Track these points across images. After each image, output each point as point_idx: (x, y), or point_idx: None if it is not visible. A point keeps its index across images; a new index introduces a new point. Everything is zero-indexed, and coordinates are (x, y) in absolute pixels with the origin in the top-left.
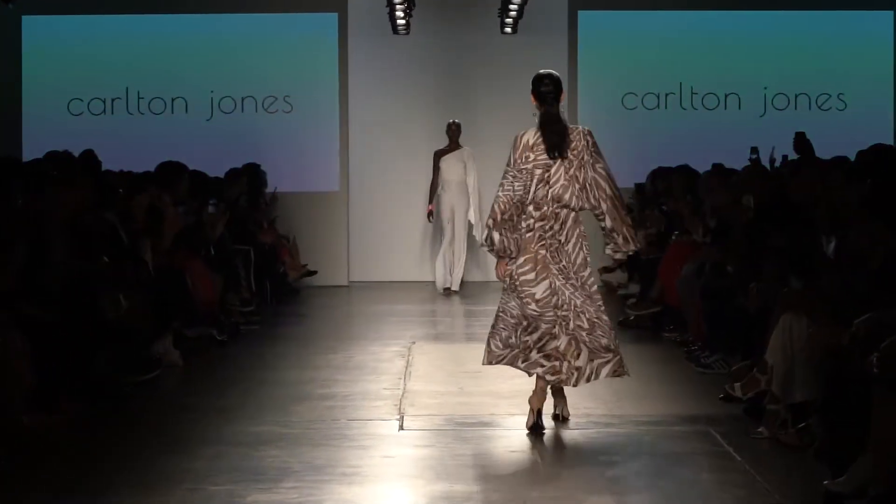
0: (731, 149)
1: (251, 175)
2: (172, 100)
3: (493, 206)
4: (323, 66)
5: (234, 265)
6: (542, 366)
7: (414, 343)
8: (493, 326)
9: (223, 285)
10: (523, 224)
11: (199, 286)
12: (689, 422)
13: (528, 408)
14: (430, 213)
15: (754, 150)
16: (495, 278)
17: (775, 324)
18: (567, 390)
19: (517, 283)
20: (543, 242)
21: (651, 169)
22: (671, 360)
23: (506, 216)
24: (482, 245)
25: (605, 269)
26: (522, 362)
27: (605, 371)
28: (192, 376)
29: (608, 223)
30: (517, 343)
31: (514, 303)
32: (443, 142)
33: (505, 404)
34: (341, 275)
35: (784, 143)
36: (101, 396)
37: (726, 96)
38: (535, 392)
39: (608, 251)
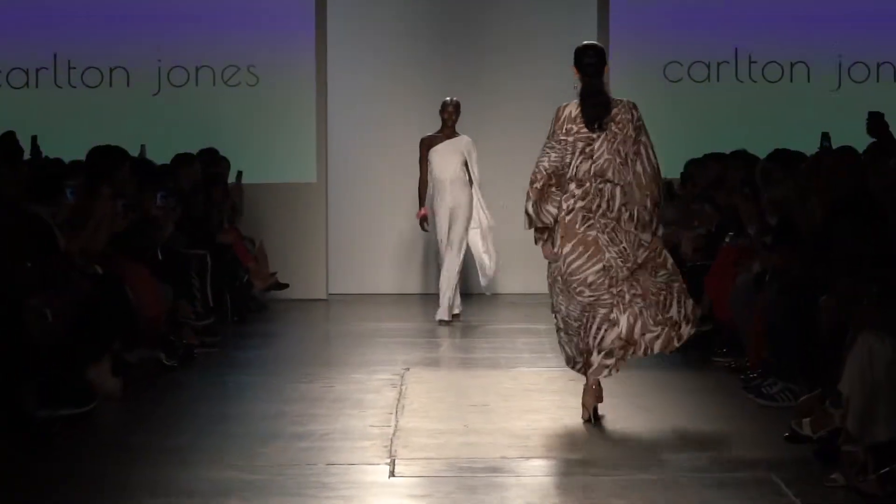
0: (797, 130)
1: (207, 162)
2: (111, 70)
3: (530, 181)
4: (295, 28)
5: (186, 273)
6: (607, 366)
7: (407, 370)
8: (566, 331)
9: (173, 298)
10: (564, 204)
11: (144, 299)
12: (748, 467)
13: (547, 452)
14: (423, 220)
15: (826, 136)
16: (502, 290)
17: (852, 347)
18: (602, 432)
19: (566, 275)
20: (591, 223)
21: (699, 155)
22: (724, 391)
23: (537, 185)
24: (525, 227)
25: None
26: (587, 369)
27: (657, 345)
28: (136, 410)
29: (623, 196)
30: (584, 348)
31: (573, 305)
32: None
33: (519, 445)
34: (318, 286)
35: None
36: (22, 434)
37: (792, 66)
38: (586, 390)
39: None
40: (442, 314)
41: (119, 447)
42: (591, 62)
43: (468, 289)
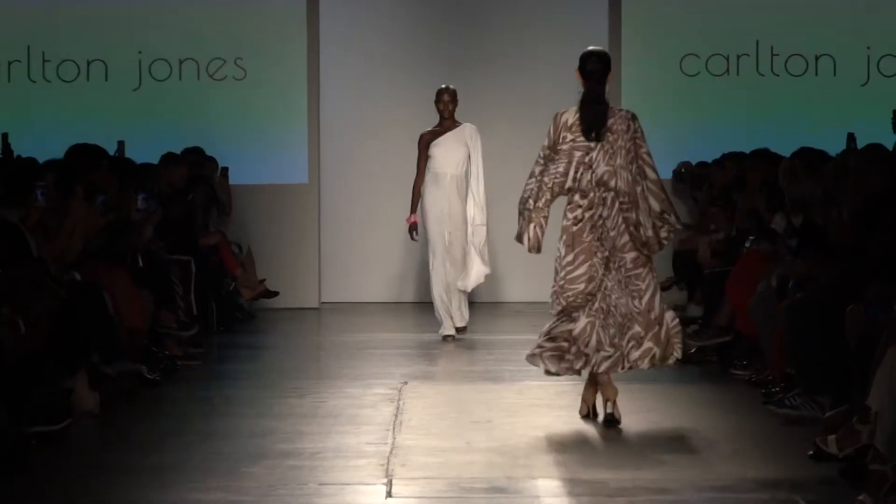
0: (823, 128)
1: (193, 162)
2: (88, 63)
3: (525, 193)
4: (285, 17)
5: (169, 280)
6: (538, 353)
7: (405, 384)
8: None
9: (155, 307)
10: (570, 215)
11: (123, 308)
12: (769, 487)
13: (555, 472)
14: (413, 228)
15: (851, 137)
16: (506, 298)
17: (882, 359)
18: (615, 450)
19: (565, 283)
20: (594, 233)
21: (717, 154)
22: (744, 406)
23: (540, 204)
24: (517, 240)
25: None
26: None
27: (604, 365)
28: (114, 427)
29: (657, 205)
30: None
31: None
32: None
33: (524, 465)
34: (310, 294)
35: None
36: None
37: (817, 59)
38: (587, 384)
39: (663, 234)
40: (446, 329)
41: (96, 467)
42: (594, 68)
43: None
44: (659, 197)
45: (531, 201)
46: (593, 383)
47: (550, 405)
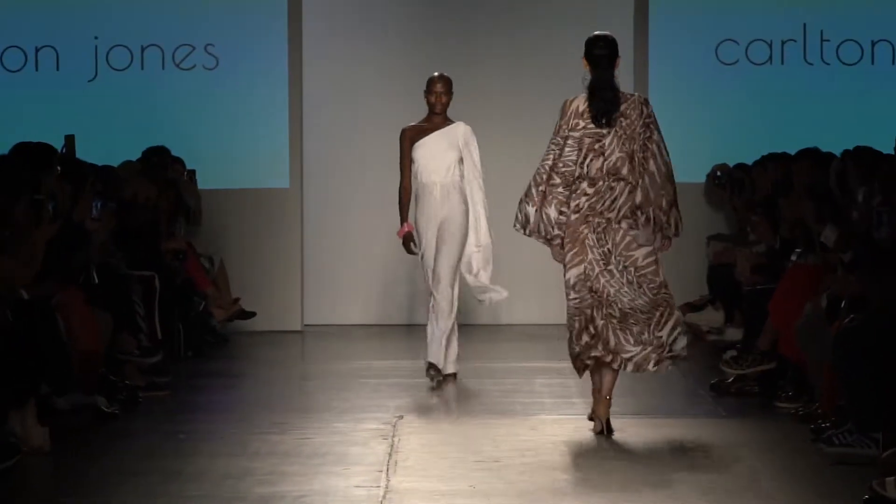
0: (880, 124)
1: (157, 164)
2: (36, 50)
3: (531, 179)
4: None
5: (129, 299)
6: (586, 365)
7: (401, 418)
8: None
9: (113, 330)
10: (572, 203)
11: (78, 331)
12: None
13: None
14: (408, 239)
15: None
16: (515, 320)
17: None
18: (645, 495)
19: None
20: (589, 221)
21: (758, 154)
22: (790, 443)
23: (541, 188)
24: (514, 227)
25: (691, 307)
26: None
27: (629, 366)
28: (67, 467)
29: (638, 197)
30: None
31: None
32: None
33: None
34: (292, 315)
35: None
36: None
37: (874, 45)
38: (597, 400)
39: (630, 235)
40: (433, 356)
41: None
42: (602, 53)
43: (470, 318)
44: (644, 190)
45: (538, 187)
46: (604, 398)
47: (568, 443)
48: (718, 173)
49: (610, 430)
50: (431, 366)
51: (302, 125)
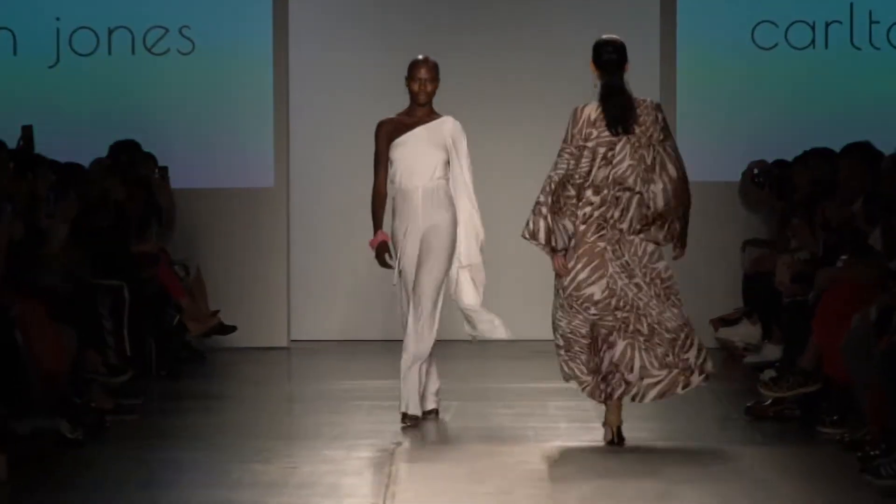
0: None
1: (127, 163)
2: None
3: (542, 188)
4: None
5: (95, 312)
6: (602, 390)
7: (399, 444)
8: (567, 349)
9: (78, 346)
10: (579, 213)
11: (38, 348)
12: None
13: None
14: (381, 249)
15: None
16: (522, 336)
17: None
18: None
19: (570, 289)
20: (603, 233)
21: (799, 150)
22: (834, 473)
23: (554, 197)
24: (524, 235)
25: (724, 322)
26: (599, 395)
27: (651, 394)
28: (27, 499)
29: (660, 205)
30: (595, 368)
31: (578, 320)
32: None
33: None
34: (277, 329)
35: None
36: None
37: None
38: (609, 409)
39: (648, 243)
40: (408, 405)
41: None
42: (610, 59)
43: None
44: (665, 197)
45: (546, 196)
46: (616, 406)
47: (586, 472)
48: (756, 171)
49: (621, 440)
50: (408, 417)
51: (288, 117)
